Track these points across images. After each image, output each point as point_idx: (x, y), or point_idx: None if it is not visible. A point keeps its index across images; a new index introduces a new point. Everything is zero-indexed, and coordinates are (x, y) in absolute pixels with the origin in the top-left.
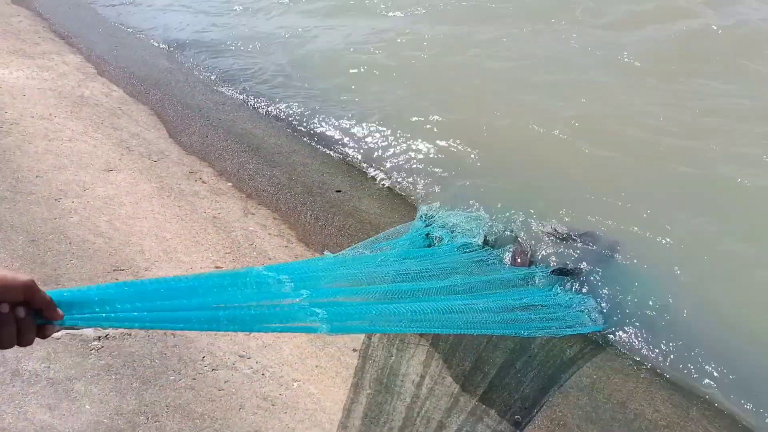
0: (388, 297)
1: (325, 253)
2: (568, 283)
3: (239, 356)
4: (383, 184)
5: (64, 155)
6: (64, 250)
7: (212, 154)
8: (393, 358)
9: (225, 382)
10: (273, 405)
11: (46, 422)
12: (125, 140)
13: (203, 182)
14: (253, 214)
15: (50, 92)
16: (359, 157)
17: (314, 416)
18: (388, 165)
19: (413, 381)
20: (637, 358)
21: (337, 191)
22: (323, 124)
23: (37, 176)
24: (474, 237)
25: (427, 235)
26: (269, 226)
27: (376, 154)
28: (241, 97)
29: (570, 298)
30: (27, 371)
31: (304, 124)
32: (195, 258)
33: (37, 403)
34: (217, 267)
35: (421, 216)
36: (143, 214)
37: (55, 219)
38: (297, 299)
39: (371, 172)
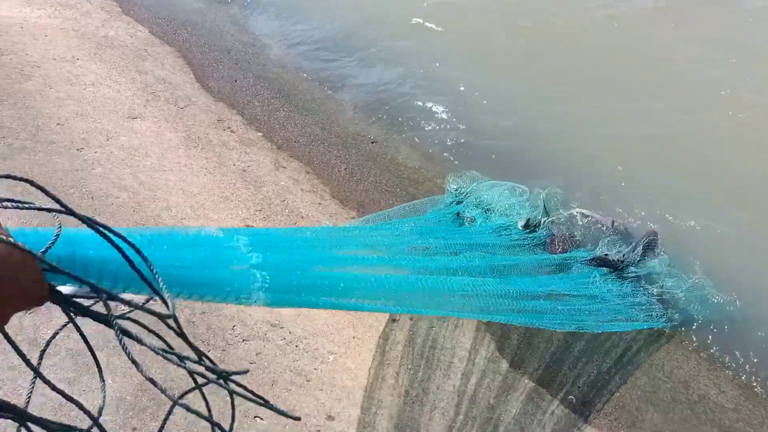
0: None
1: (324, 222)
2: (613, 275)
3: (271, 325)
4: (422, 136)
5: (86, 101)
6: (86, 205)
7: (241, 101)
8: (435, 329)
9: (257, 354)
10: (308, 381)
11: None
12: (150, 85)
13: (232, 131)
14: (284, 167)
15: (73, 32)
16: (395, 105)
17: (352, 394)
18: (429, 115)
19: (458, 356)
20: (699, 335)
21: (373, 142)
22: (360, 68)
23: (58, 124)
24: (514, 218)
25: (458, 214)
26: (301, 181)
27: (415, 102)
28: (272, 38)
29: (621, 288)
30: (45, 341)
31: (339, 69)
32: (224, 215)
33: (56, 376)
34: (247, 225)
35: (451, 191)
36: (169, 165)
37: (77, 171)
38: (244, 265)
39: (409, 122)
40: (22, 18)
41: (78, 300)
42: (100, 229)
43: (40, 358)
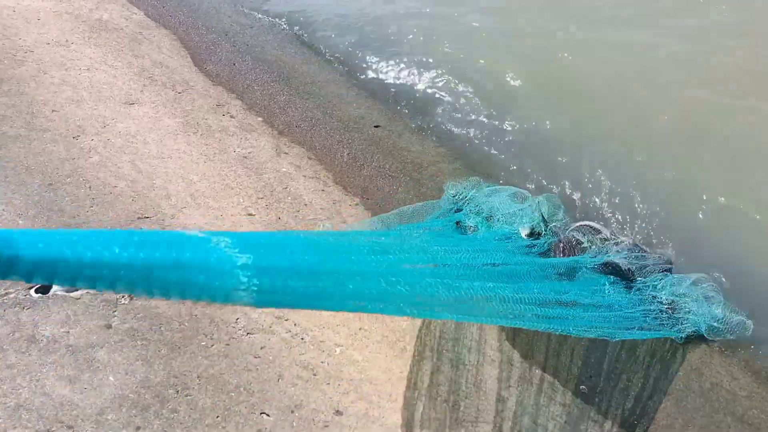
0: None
1: (323, 225)
2: (621, 283)
3: (276, 317)
4: (426, 120)
5: (82, 87)
6: (84, 195)
7: (240, 85)
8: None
9: (261, 348)
10: (314, 375)
11: (66, 397)
12: (147, 69)
13: (232, 117)
14: (286, 153)
15: (66, 15)
16: (399, 88)
17: (360, 387)
18: (433, 99)
19: (467, 346)
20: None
21: (376, 126)
22: (362, 51)
23: (53, 111)
24: (517, 226)
25: (458, 223)
26: (304, 167)
27: (419, 86)
28: (270, 20)
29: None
30: (45, 337)
31: (339, 50)
32: (225, 204)
33: (56, 374)
34: (249, 214)
35: (449, 198)
36: (168, 153)
37: (74, 159)
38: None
39: (413, 106)
40: (13, 0)
41: None
42: None
43: None
